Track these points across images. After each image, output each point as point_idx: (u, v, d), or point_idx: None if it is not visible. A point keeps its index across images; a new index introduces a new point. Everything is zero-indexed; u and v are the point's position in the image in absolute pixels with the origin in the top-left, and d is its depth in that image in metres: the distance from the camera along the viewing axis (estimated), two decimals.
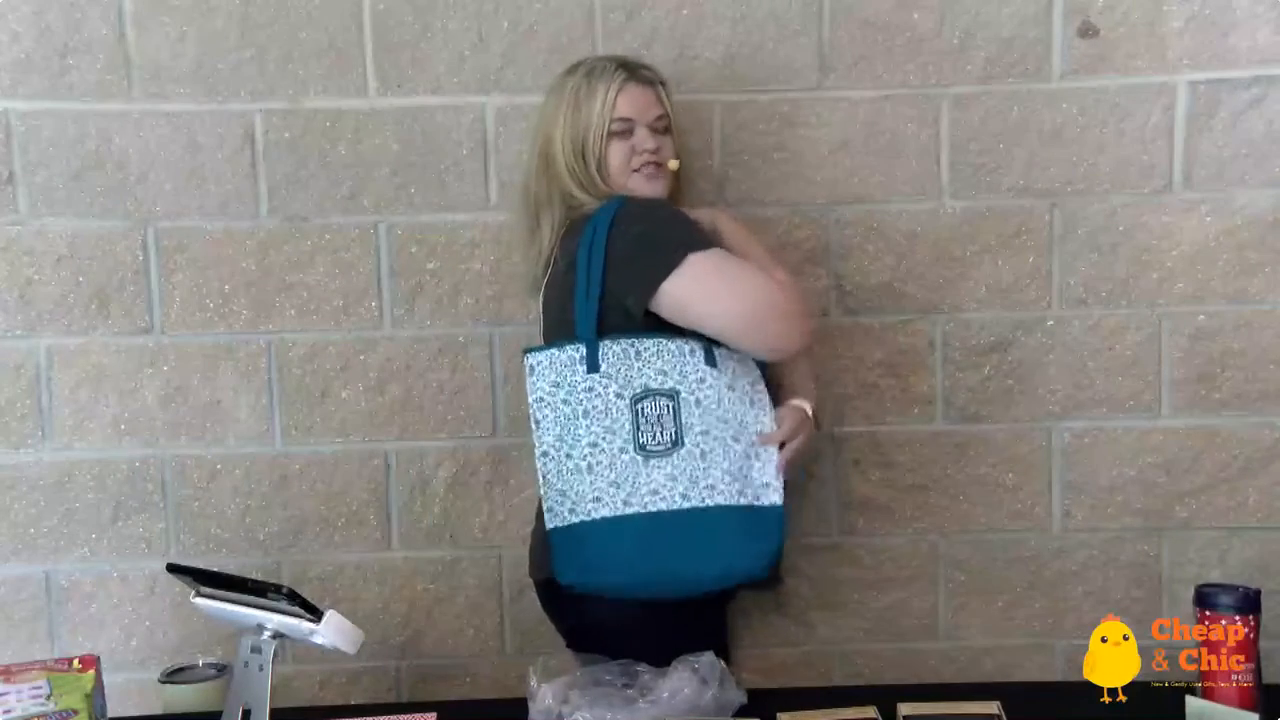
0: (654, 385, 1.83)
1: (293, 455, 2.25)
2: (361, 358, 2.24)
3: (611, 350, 1.82)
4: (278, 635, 1.46)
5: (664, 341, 1.82)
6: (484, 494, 2.27)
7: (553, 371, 1.85)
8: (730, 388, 1.82)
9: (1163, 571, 2.26)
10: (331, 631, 1.44)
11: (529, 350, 1.87)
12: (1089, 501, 2.26)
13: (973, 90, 2.19)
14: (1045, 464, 2.26)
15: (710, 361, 1.82)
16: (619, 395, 1.83)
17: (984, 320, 2.24)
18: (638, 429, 1.83)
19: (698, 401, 1.83)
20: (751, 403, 1.84)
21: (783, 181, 2.20)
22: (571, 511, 1.83)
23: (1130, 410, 2.24)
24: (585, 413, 1.83)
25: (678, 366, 1.82)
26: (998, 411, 2.25)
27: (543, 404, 1.86)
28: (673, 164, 1.93)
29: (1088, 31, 2.17)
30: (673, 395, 1.83)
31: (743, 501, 1.81)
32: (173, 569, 1.54)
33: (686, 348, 1.82)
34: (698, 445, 1.82)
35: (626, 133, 1.90)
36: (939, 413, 2.26)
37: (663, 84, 1.95)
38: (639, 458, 1.82)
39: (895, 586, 2.30)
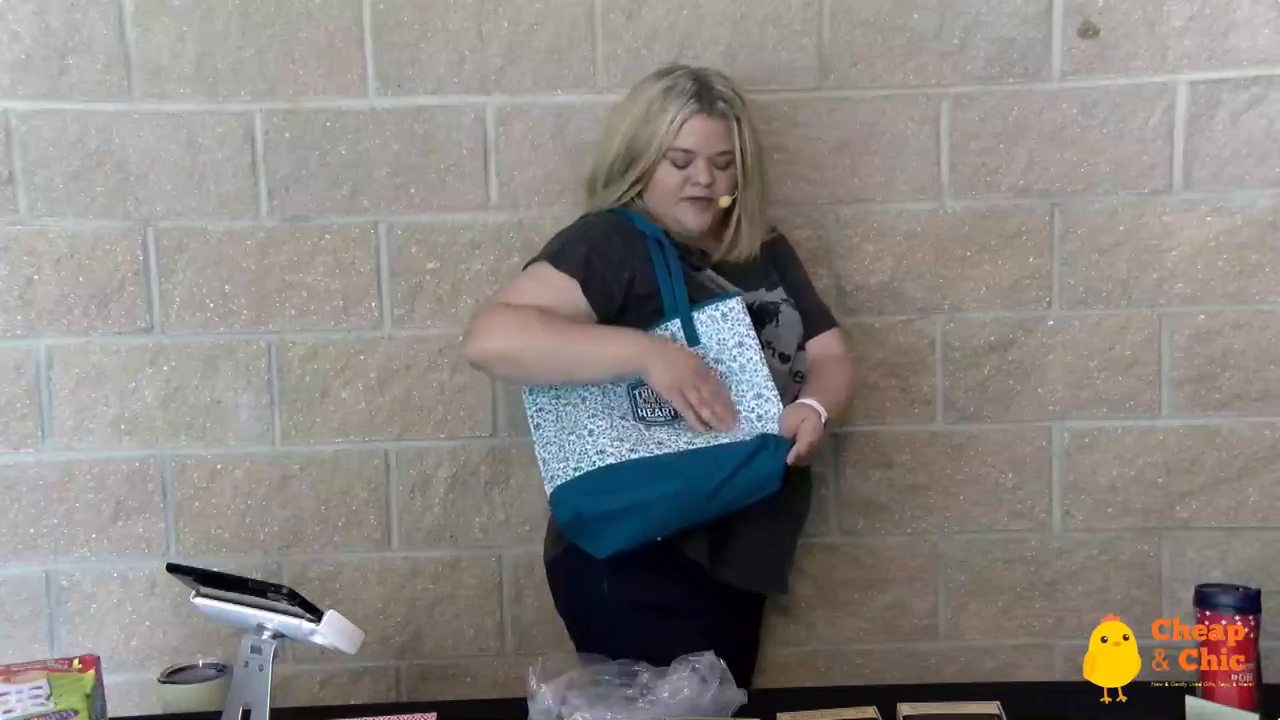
0: None
1: (293, 455, 2.25)
2: (361, 358, 2.24)
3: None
4: (278, 635, 1.45)
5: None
6: (484, 494, 2.27)
7: None
8: (718, 360, 1.83)
9: (1163, 571, 2.27)
10: (331, 631, 1.44)
11: None
12: (1089, 501, 2.26)
13: (973, 90, 2.19)
14: (1045, 464, 2.26)
15: (693, 340, 1.84)
16: (614, 383, 1.85)
17: (984, 320, 2.24)
18: (636, 407, 1.84)
19: None
20: (741, 368, 1.85)
21: (783, 181, 2.20)
22: (576, 468, 1.82)
23: (1130, 410, 2.24)
24: (583, 399, 1.85)
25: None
26: (998, 411, 2.25)
27: (544, 411, 1.89)
28: (724, 201, 1.91)
29: (1088, 31, 2.17)
30: None
31: (746, 439, 1.81)
32: (173, 569, 1.54)
33: (667, 333, 1.84)
34: None
35: (685, 164, 1.88)
36: (939, 413, 2.26)
37: (739, 118, 1.90)
38: (640, 425, 1.83)
39: (895, 586, 2.30)
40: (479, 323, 1.85)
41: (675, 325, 1.85)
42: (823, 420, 1.84)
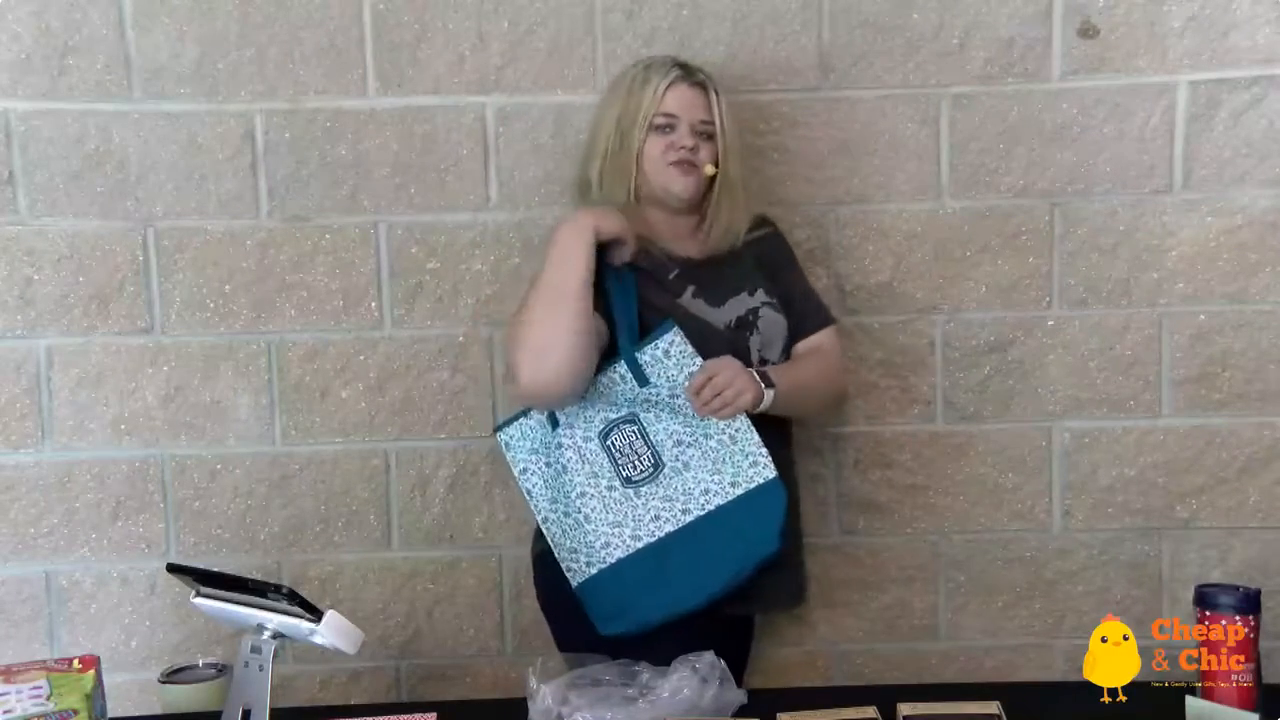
0: (613, 415, 1.86)
1: (293, 455, 2.25)
2: (361, 358, 2.24)
3: None
4: (278, 635, 1.46)
5: (596, 378, 1.82)
6: (484, 494, 2.27)
7: (526, 440, 1.93)
8: (673, 395, 1.82)
9: (1163, 571, 2.26)
10: (331, 631, 1.44)
11: (499, 428, 1.96)
12: (1089, 501, 2.26)
13: (973, 90, 2.19)
14: (1045, 464, 2.26)
15: (642, 381, 1.83)
16: (586, 438, 1.87)
17: (984, 320, 2.24)
18: (617, 465, 1.86)
19: (656, 416, 1.84)
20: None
21: (783, 181, 2.20)
22: (588, 564, 1.86)
23: (1130, 410, 2.24)
24: (564, 468, 1.87)
25: (620, 393, 1.84)
26: (998, 411, 2.25)
27: (528, 474, 1.93)
28: (708, 169, 1.93)
29: (1088, 31, 2.17)
30: (633, 419, 1.85)
31: (738, 492, 1.81)
32: (173, 569, 1.54)
33: (616, 375, 1.84)
34: (677, 458, 1.83)
35: (669, 128, 1.91)
36: (939, 413, 2.26)
37: (716, 91, 1.95)
38: (629, 491, 1.84)
39: (895, 586, 2.30)
40: (510, 360, 1.88)
41: (622, 368, 1.83)
42: (756, 380, 1.80)
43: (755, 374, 1.82)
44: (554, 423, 1.89)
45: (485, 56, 2.18)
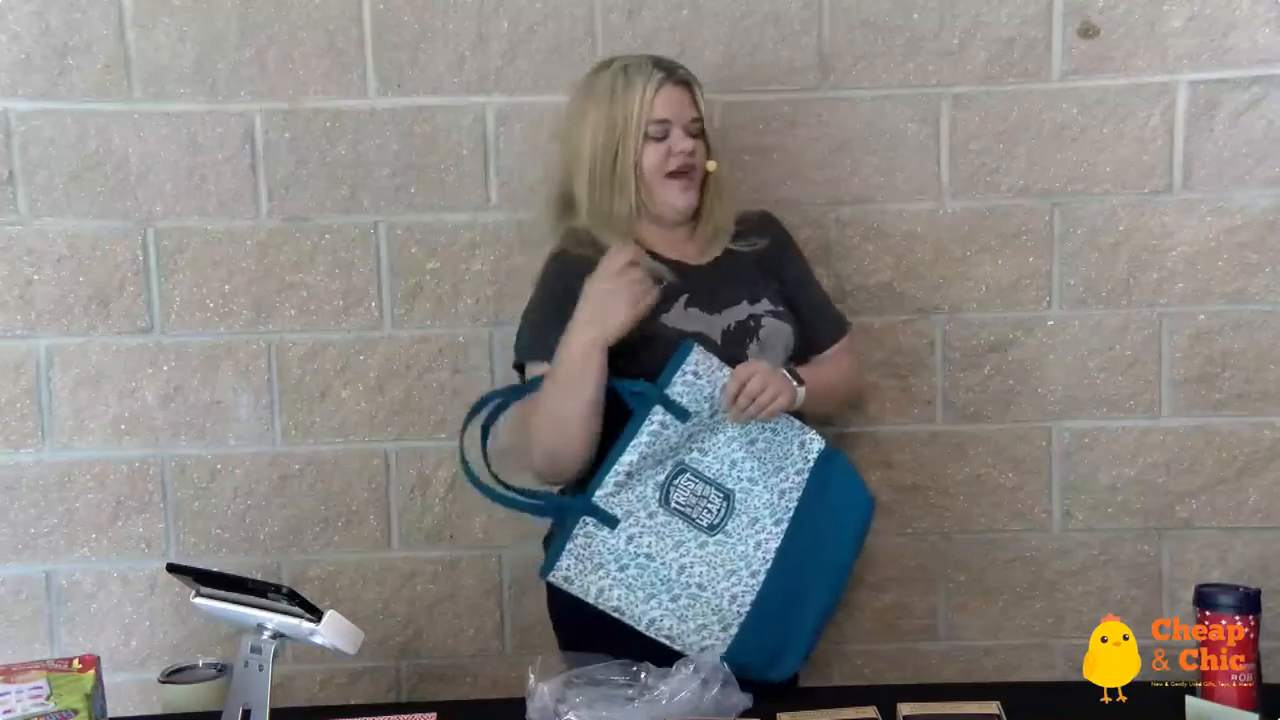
0: (661, 477, 1.77)
1: (293, 455, 2.25)
2: (361, 358, 2.24)
3: (609, 494, 1.75)
4: (278, 635, 1.46)
5: (635, 440, 1.73)
6: None
7: (584, 562, 1.76)
8: (713, 414, 1.76)
9: (1163, 571, 2.26)
10: (331, 631, 1.44)
11: (546, 573, 1.78)
12: (1089, 501, 2.26)
13: (973, 90, 2.19)
14: (1045, 464, 2.26)
15: (683, 416, 1.74)
16: (651, 515, 1.76)
17: (984, 320, 2.24)
18: (692, 520, 1.77)
19: (701, 452, 1.78)
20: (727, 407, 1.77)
21: (783, 181, 2.20)
22: (724, 629, 1.75)
23: (1130, 410, 2.24)
24: (649, 556, 1.75)
25: (664, 443, 1.75)
26: (998, 411, 2.25)
27: (605, 593, 1.76)
28: (710, 165, 1.88)
29: (1088, 31, 2.17)
30: (681, 468, 1.77)
31: (806, 477, 1.78)
32: (173, 569, 1.54)
33: (655, 424, 1.73)
34: (740, 478, 1.78)
35: (662, 135, 1.83)
36: (939, 413, 2.26)
37: (699, 85, 1.88)
38: (719, 536, 1.77)
39: (895, 586, 2.30)
40: (520, 445, 1.84)
41: (659, 414, 1.73)
42: (789, 379, 1.76)
43: (785, 373, 1.78)
44: (610, 523, 1.75)
45: (485, 56, 2.18)
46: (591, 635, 1.74)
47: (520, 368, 1.90)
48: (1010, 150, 2.20)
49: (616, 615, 1.75)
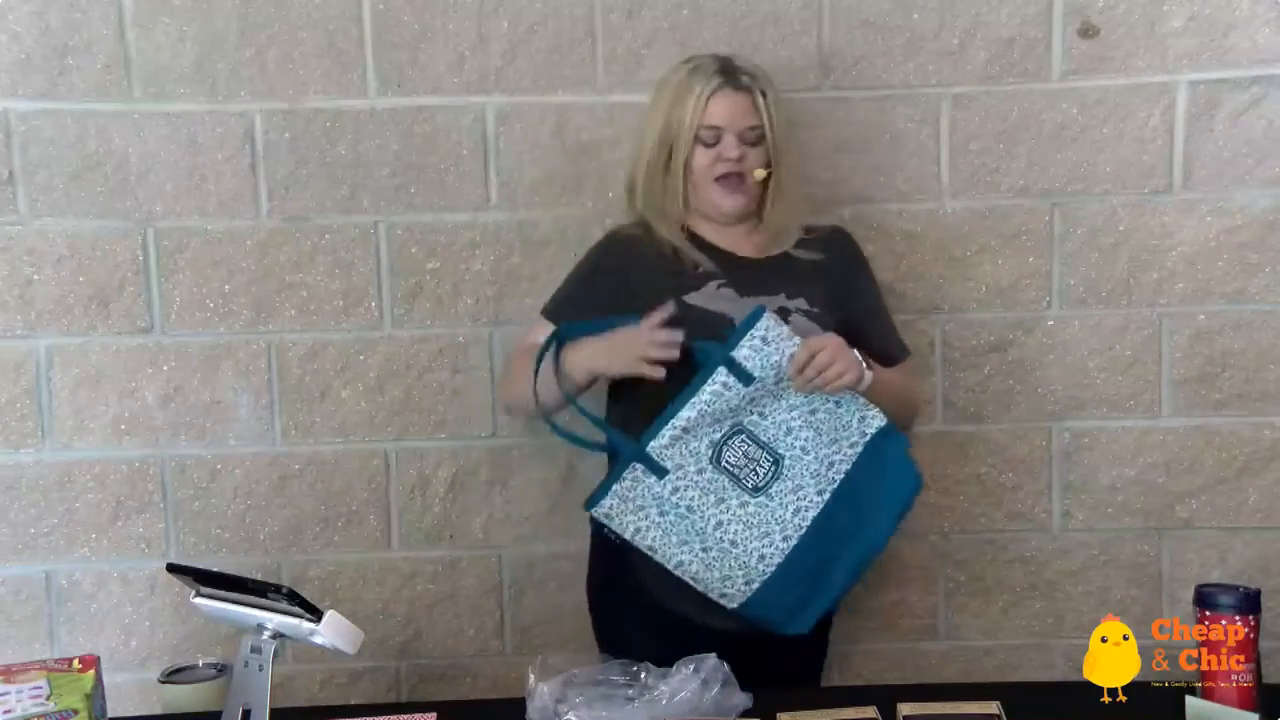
0: (717, 436, 1.80)
1: (293, 455, 2.25)
2: (361, 358, 2.24)
3: (663, 445, 1.79)
4: (278, 635, 1.46)
5: (696, 398, 1.77)
6: (484, 494, 2.27)
7: (628, 502, 1.82)
8: (778, 381, 1.78)
9: (1163, 571, 2.26)
10: (331, 631, 1.44)
11: (591, 504, 1.84)
12: (1089, 501, 2.26)
13: (973, 90, 2.19)
14: (1045, 464, 2.26)
15: (746, 379, 1.76)
16: (700, 470, 1.80)
17: (984, 320, 2.24)
18: (739, 480, 1.80)
19: (761, 415, 1.80)
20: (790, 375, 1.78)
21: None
22: (747, 583, 1.80)
23: (1130, 410, 2.24)
24: (690, 508, 1.80)
25: (724, 404, 1.77)
26: (998, 411, 2.25)
27: (643, 533, 1.82)
28: (758, 173, 1.90)
29: (1088, 31, 2.17)
30: (738, 429, 1.80)
31: (858, 451, 1.81)
32: (173, 569, 1.54)
33: (718, 384, 1.77)
34: (793, 446, 1.80)
35: (714, 141, 1.88)
36: (939, 413, 2.26)
37: (764, 92, 1.89)
38: (762, 499, 1.80)
39: (895, 586, 2.30)
40: (503, 375, 2.05)
41: (723, 374, 1.76)
42: (859, 359, 1.79)
43: (859, 354, 1.80)
44: (659, 473, 1.80)
45: (485, 56, 2.18)
46: (625, 612, 1.87)
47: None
48: (1010, 150, 2.20)
49: (649, 553, 1.82)
